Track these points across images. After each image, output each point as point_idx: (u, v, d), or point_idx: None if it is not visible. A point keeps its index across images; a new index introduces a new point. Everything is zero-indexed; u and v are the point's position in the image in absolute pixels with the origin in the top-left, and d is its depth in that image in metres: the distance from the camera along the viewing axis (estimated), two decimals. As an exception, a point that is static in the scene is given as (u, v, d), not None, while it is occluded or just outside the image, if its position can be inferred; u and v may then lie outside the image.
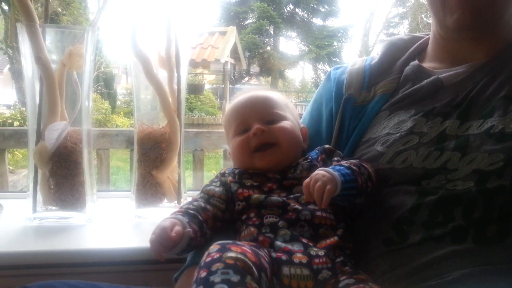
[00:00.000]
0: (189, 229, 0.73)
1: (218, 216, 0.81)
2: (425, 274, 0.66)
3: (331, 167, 0.77)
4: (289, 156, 0.86)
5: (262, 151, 0.85)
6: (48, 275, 0.94)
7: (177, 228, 0.71)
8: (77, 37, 1.13)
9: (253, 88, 0.98)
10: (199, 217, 0.78)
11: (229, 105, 0.96)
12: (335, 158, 0.85)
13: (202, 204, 0.81)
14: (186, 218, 0.76)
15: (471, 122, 0.75)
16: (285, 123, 0.88)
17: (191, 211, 0.79)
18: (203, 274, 0.59)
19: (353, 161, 0.80)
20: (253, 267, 0.60)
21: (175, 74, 1.18)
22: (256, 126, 0.85)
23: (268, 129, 0.85)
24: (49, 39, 1.12)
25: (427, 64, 0.88)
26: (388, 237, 0.73)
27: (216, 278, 0.57)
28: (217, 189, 0.85)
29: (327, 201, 0.70)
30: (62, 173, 1.13)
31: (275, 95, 0.94)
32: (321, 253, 0.69)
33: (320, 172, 0.73)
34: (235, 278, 0.57)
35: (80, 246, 1.01)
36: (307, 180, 0.73)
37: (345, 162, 0.80)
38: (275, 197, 0.78)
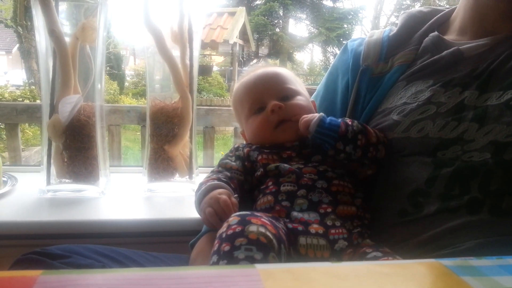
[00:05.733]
0: (236, 195, 0.73)
1: (241, 187, 0.82)
2: (439, 243, 0.66)
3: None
4: None
5: (282, 125, 0.85)
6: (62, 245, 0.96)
7: (232, 201, 0.71)
8: (90, 10, 1.13)
9: (260, 66, 0.96)
10: (231, 185, 0.78)
11: (238, 85, 0.95)
12: None
13: (228, 174, 0.81)
14: (228, 187, 0.76)
15: (490, 93, 0.73)
16: (299, 99, 0.88)
17: (224, 179, 0.79)
18: (227, 247, 0.59)
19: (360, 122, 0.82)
20: (274, 240, 0.60)
21: (188, 50, 1.18)
22: (273, 103, 0.84)
23: (285, 105, 0.85)
24: (62, 12, 1.12)
25: (447, 36, 0.87)
26: (403, 208, 0.73)
27: (240, 255, 0.57)
28: (233, 163, 0.85)
29: (303, 128, 0.80)
30: (76, 146, 1.14)
31: (284, 71, 0.93)
32: (338, 223, 0.69)
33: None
34: (258, 255, 0.57)
35: (93, 217, 1.03)
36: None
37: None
38: (292, 165, 0.78)
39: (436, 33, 0.87)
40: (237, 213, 0.65)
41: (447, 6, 0.96)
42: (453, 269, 0.40)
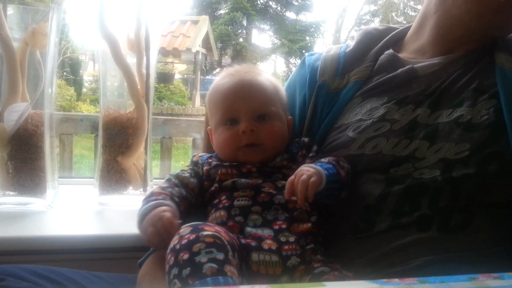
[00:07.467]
0: (180, 221, 0.69)
1: (191, 206, 0.80)
2: (391, 261, 0.67)
3: (312, 164, 0.75)
4: (273, 155, 0.83)
5: (247, 147, 0.81)
6: (5, 263, 0.90)
7: (176, 222, 0.67)
8: (42, 15, 1.08)
9: (244, 69, 0.90)
10: (181, 207, 0.76)
11: (218, 81, 0.88)
12: (311, 155, 0.83)
13: (184, 193, 0.78)
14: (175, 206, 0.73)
15: (441, 111, 0.75)
16: (275, 125, 0.84)
17: (176, 199, 0.76)
18: (186, 256, 0.57)
19: (330, 157, 0.78)
20: (228, 246, 0.60)
21: (144, 58, 1.15)
22: (246, 124, 0.80)
23: (257, 129, 0.81)
24: (11, 16, 1.07)
25: (402, 54, 0.89)
26: (355, 225, 0.73)
27: (202, 259, 0.56)
28: (191, 179, 0.82)
29: (312, 194, 0.67)
30: (22, 157, 1.08)
31: (267, 83, 0.87)
32: (292, 239, 0.69)
33: (303, 167, 0.71)
34: (220, 256, 0.57)
35: (39, 232, 0.98)
36: (292, 177, 0.70)
37: (323, 159, 0.78)
38: (248, 179, 0.77)
39: (391, 51, 0.89)
40: (188, 224, 0.63)
41: (405, 23, 0.98)
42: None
